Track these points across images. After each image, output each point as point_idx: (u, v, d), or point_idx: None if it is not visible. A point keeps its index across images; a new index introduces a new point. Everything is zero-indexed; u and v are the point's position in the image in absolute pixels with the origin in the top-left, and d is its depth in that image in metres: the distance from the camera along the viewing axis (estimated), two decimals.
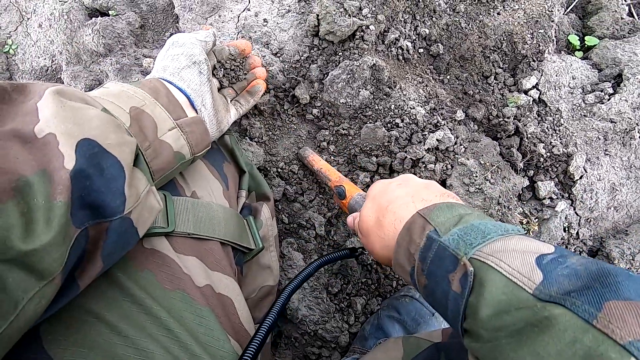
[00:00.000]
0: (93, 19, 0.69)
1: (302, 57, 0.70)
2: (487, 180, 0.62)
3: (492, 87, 0.73)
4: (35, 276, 0.26)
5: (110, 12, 0.73)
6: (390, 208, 0.44)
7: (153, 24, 0.76)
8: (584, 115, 0.71)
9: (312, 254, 0.70)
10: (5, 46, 0.75)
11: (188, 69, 0.50)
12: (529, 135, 0.69)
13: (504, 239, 0.33)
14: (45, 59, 0.75)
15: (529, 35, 0.73)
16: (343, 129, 0.69)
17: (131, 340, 0.36)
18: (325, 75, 0.69)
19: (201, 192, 0.50)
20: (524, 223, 0.66)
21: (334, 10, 0.63)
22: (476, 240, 0.33)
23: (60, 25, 0.69)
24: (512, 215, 0.63)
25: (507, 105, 0.71)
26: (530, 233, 0.68)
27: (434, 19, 0.73)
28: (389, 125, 0.67)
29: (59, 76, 0.74)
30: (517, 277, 0.29)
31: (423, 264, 0.36)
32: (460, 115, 0.69)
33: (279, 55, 0.71)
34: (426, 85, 0.72)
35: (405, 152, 0.65)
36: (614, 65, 0.75)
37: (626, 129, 0.69)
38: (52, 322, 0.35)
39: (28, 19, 0.75)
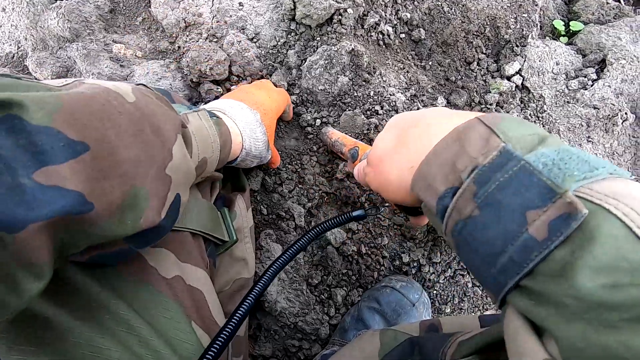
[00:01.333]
0: (58, 2, 0.65)
1: (278, 43, 0.68)
2: None
3: (474, 73, 0.71)
4: (33, 278, 0.25)
5: None
6: (421, 123, 0.33)
7: (124, 8, 0.73)
8: (567, 102, 0.70)
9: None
10: None
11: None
12: None
13: (620, 180, 0.23)
14: (10, 45, 0.72)
15: (512, 20, 0.71)
16: (322, 117, 0.67)
17: (85, 337, 0.34)
18: (303, 61, 0.67)
19: None
20: None
21: None
22: (581, 172, 0.23)
23: (22, 8, 0.65)
24: None
25: (490, 92, 0.69)
26: None
27: (415, 2, 0.71)
28: (368, 112, 0.66)
29: (25, 63, 0.71)
30: None
31: (482, 187, 0.25)
32: (441, 101, 0.67)
33: (255, 40, 0.69)
34: (407, 72, 0.70)
35: None
36: (598, 51, 0.74)
37: (609, 115, 0.68)
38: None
39: None
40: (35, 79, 0.41)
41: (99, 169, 0.26)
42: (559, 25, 0.80)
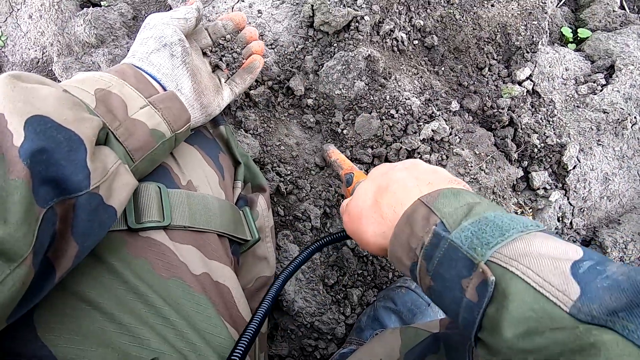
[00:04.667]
0: (85, 9, 0.68)
1: (296, 49, 0.70)
2: (482, 170, 0.62)
3: (486, 79, 0.73)
4: (3, 259, 0.25)
5: (102, 2, 0.72)
6: (390, 189, 0.39)
7: (146, 15, 0.75)
8: (577, 106, 0.72)
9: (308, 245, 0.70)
10: None
11: (157, 53, 0.47)
12: (523, 126, 0.69)
13: (525, 238, 0.28)
14: (35, 50, 0.74)
15: (522, 27, 0.73)
16: (337, 121, 0.69)
17: (126, 328, 0.35)
18: (320, 67, 0.69)
19: (197, 182, 0.49)
20: (519, 213, 0.66)
21: (329, 1, 0.62)
22: (494, 238, 0.28)
23: (51, 15, 0.68)
24: (507, 205, 0.63)
25: (502, 96, 0.71)
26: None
27: (428, 10, 0.73)
28: (383, 116, 0.67)
29: (50, 68, 0.73)
30: (548, 290, 0.25)
31: (429, 263, 0.31)
32: (455, 106, 0.69)
33: (273, 46, 0.71)
34: (421, 77, 0.72)
35: (401, 142, 0.65)
36: (606, 57, 0.76)
37: (618, 119, 0.69)
38: (46, 310, 0.34)
39: (18, 9, 0.73)
40: (59, 82, 0.44)
41: None
42: (567, 32, 0.82)
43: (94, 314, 0.35)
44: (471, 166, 0.63)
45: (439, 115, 0.67)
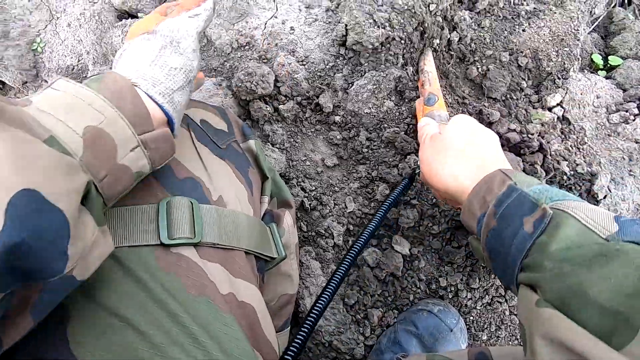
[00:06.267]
0: (123, 20, 0.70)
1: (327, 66, 0.71)
2: None
3: (516, 103, 0.72)
4: None
5: (139, 14, 0.74)
6: (480, 148, 0.48)
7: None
8: (609, 135, 0.71)
9: (330, 263, 0.69)
10: (34, 44, 0.76)
11: (181, 91, 0.41)
12: (553, 153, 0.68)
13: (580, 202, 0.36)
14: (72, 58, 0.76)
15: (554, 53, 0.73)
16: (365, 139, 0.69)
17: (158, 347, 0.35)
18: (350, 85, 0.69)
19: (227, 197, 0.50)
20: None
21: (364, 22, 0.63)
22: (557, 196, 0.37)
23: (91, 25, 0.69)
24: None
25: (532, 122, 0.71)
26: None
27: (459, 33, 0.74)
28: (410, 132, 0.67)
29: (84, 75, 0.75)
30: (593, 225, 0.32)
31: (498, 208, 0.39)
32: None
33: (304, 63, 0.71)
34: (451, 95, 0.72)
35: None
36: (638, 86, 0.75)
37: None
38: (79, 323, 0.34)
39: (58, 18, 0.76)
40: None
41: None
42: (598, 59, 0.82)
43: (126, 331, 0.35)
44: None
45: None
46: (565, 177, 0.68)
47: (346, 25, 0.66)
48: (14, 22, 0.74)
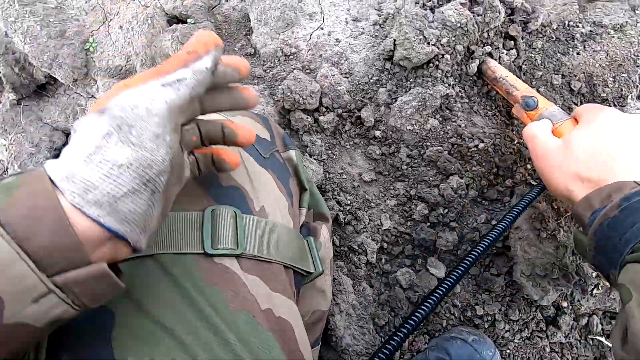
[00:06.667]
0: (174, 25, 0.71)
1: (370, 80, 0.70)
2: (561, 227, 0.58)
3: None
4: None
5: (188, 20, 0.75)
6: (618, 159, 0.46)
7: (226, 34, 0.78)
8: None
9: (362, 280, 0.67)
10: (87, 44, 0.78)
11: (132, 197, 0.28)
12: None
13: None
14: (120, 59, 0.78)
15: (610, 79, 0.70)
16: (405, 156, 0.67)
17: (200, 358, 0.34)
18: (394, 100, 0.68)
19: (269, 208, 0.49)
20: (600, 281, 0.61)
21: (414, 37, 0.62)
22: None
23: (143, 29, 0.71)
24: (587, 268, 0.59)
25: None
26: (599, 288, 0.63)
27: (507, 52, 0.71)
28: (452, 151, 0.65)
29: (132, 75, 0.77)
30: None
31: (624, 202, 0.41)
32: None
33: (347, 75, 0.71)
34: (495, 116, 0.69)
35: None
36: None
37: None
38: (124, 329, 0.34)
39: (111, 20, 0.78)
40: None
41: None
42: None
43: (169, 342, 0.34)
44: (548, 221, 0.59)
45: None
46: None
47: (395, 40, 0.65)
48: (70, 22, 0.77)
